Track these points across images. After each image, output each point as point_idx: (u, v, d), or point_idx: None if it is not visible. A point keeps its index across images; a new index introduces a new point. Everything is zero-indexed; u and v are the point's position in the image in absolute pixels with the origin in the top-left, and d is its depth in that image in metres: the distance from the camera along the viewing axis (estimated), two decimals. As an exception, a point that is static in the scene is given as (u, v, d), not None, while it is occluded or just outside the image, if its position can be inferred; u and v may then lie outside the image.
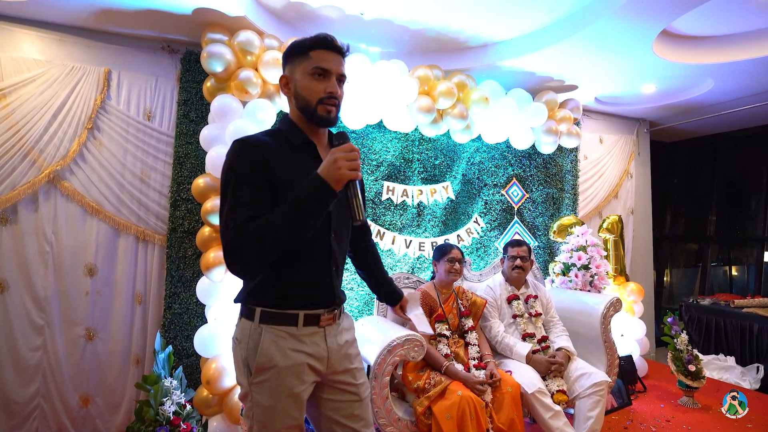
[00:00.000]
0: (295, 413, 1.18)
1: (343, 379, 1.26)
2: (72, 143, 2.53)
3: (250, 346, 1.15)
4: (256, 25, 2.54)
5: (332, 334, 1.24)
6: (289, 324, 1.16)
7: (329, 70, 1.17)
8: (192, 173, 2.67)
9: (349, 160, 1.05)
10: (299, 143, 1.20)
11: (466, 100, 3.03)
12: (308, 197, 1.05)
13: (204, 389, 2.35)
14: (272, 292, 1.17)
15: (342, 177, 1.04)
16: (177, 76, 2.76)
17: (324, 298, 1.22)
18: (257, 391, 1.15)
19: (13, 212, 2.45)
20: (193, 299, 2.60)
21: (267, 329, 1.15)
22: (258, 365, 1.14)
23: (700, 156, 5.38)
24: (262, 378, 1.14)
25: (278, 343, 1.15)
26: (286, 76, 1.22)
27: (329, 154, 1.06)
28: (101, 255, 2.61)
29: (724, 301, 4.12)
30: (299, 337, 1.17)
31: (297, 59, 1.19)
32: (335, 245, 1.23)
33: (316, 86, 1.16)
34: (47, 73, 2.48)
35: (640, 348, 3.59)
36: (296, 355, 1.16)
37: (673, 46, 2.94)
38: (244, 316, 1.21)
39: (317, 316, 1.20)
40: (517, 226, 3.52)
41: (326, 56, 1.17)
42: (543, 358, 2.39)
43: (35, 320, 2.47)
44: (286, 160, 1.14)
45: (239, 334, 1.20)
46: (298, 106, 1.20)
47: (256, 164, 1.11)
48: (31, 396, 2.46)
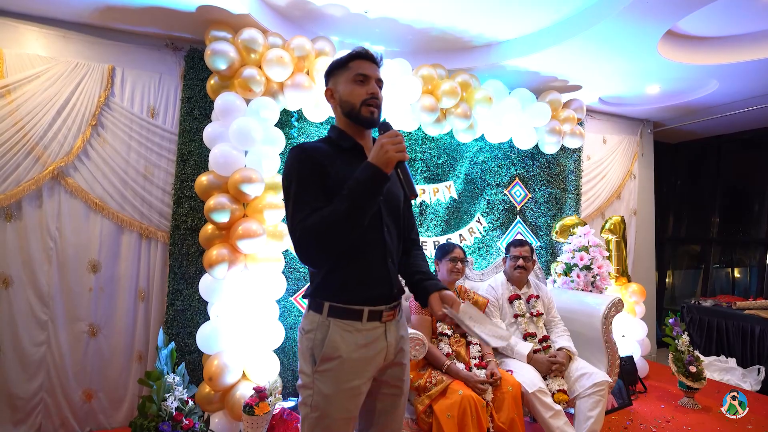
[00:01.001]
0: (351, 406, 1.25)
1: (392, 373, 1.35)
2: (76, 140, 2.54)
3: (318, 337, 1.24)
4: (260, 23, 2.54)
5: (392, 329, 1.32)
6: (355, 319, 1.25)
7: (368, 75, 1.30)
8: (195, 170, 2.68)
9: (394, 143, 1.15)
10: (348, 146, 1.32)
11: (469, 99, 3.03)
12: (363, 182, 1.14)
13: (206, 386, 2.37)
14: (337, 288, 1.26)
15: (391, 159, 1.14)
16: (181, 73, 2.77)
17: (384, 292, 1.30)
18: (320, 380, 1.23)
19: (18, 208, 2.46)
20: (196, 296, 2.62)
21: (334, 322, 1.24)
22: (324, 355, 1.23)
23: (703, 157, 5.36)
24: (327, 367, 1.22)
25: (344, 336, 1.24)
26: (330, 88, 1.35)
27: (376, 141, 1.18)
28: (105, 251, 2.63)
29: (726, 302, 4.11)
30: (363, 332, 1.26)
31: (339, 71, 1.33)
32: (388, 238, 1.31)
33: (358, 90, 1.29)
34: (51, 70, 2.49)
35: (641, 349, 3.59)
36: (360, 350, 1.25)
37: (678, 47, 2.93)
38: (312, 309, 1.29)
39: (380, 312, 1.28)
40: (519, 226, 3.52)
41: (364, 64, 1.31)
42: (544, 357, 2.40)
43: (39, 316, 2.49)
44: (337, 161, 1.26)
45: (307, 326, 1.29)
46: (344, 111, 1.32)
47: (314, 166, 1.23)
48: (35, 391, 2.48)
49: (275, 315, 2.52)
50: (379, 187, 1.15)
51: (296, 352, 2.83)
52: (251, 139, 2.40)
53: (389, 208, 1.34)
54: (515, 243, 2.71)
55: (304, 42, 2.56)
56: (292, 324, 2.83)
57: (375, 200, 1.17)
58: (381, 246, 1.30)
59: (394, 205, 1.36)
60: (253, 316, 2.41)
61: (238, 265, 2.38)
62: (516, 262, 2.63)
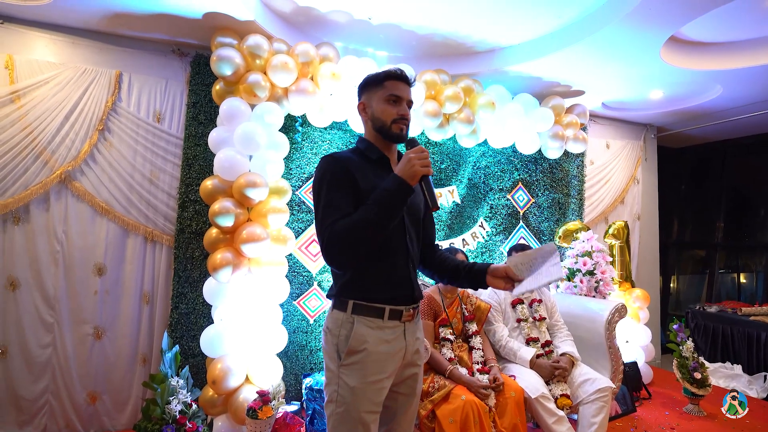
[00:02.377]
0: (377, 399, 1.30)
1: (407, 373, 1.40)
2: (83, 144, 2.57)
3: (342, 334, 1.31)
4: (266, 29, 2.57)
5: (410, 330, 1.39)
6: (377, 316, 1.32)
7: (401, 96, 1.38)
8: (200, 175, 2.71)
9: (420, 159, 1.24)
10: (376, 158, 1.40)
11: (472, 104, 3.04)
12: (391, 193, 1.23)
13: (210, 389, 2.38)
14: (361, 287, 1.32)
15: (416, 173, 1.23)
16: (186, 78, 2.80)
17: (405, 294, 1.37)
18: (346, 373, 1.29)
19: (26, 212, 2.49)
20: (200, 299, 2.63)
21: (359, 319, 1.31)
22: (350, 348, 1.29)
23: (707, 162, 5.34)
24: (353, 360, 1.29)
25: (369, 331, 1.30)
26: (363, 102, 1.43)
27: (404, 156, 1.26)
28: (110, 255, 2.65)
29: (731, 308, 4.08)
30: (384, 329, 1.32)
31: (373, 88, 1.40)
32: (410, 244, 1.39)
33: (390, 110, 1.37)
34: (60, 75, 2.53)
35: (646, 354, 3.57)
36: (382, 345, 1.31)
37: (682, 53, 2.93)
38: (336, 308, 1.36)
39: (400, 312, 1.35)
40: (522, 231, 3.52)
41: (398, 86, 1.38)
42: (547, 362, 2.39)
43: (45, 318, 2.51)
44: (365, 171, 1.35)
45: (331, 325, 1.35)
46: (375, 127, 1.40)
47: (344, 174, 1.31)
48: (40, 392, 2.50)
49: (279, 319, 2.53)
50: (404, 197, 1.24)
51: (299, 356, 2.85)
52: (256, 144, 2.42)
53: (412, 218, 1.42)
54: (518, 248, 2.71)
55: (308, 48, 2.59)
56: (295, 328, 2.84)
57: (400, 209, 1.25)
58: (404, 251, 1.38)
59: (416, 215, 1.45)
60: (257, 319, 2.42)
61: (242, 269, 2.40)
62: None
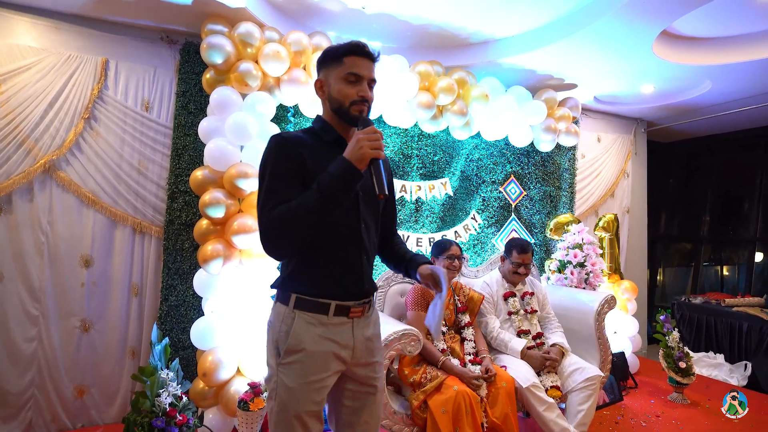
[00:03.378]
0: (317, 398, 1.22)
1: (364, 373, 1.32)
2: (68, 133, 2.50)
3: (282, 329, 1.22)
4: (257, 17, 2.52)
5: (360, 326, 1.29)
6: (321, 312, 1.23)
7: (361, 75, 1.24)
8: (190, 165, 2.66)
9: (371, 140, 1.13)
10: (330, 139, 1.29)
11: (466, 96, 3.03)
12: (335, 177, 1.11)
13: (200, 381, 2.36)
14: (306, 280, 1.23)
15: (364, 155, 1.12)
16: (176, 67, 2.74)
17: (355, 289, 1.27)
18: (284, 372, 1.21)
19: (8, 202, 2.42)
20: (190, 291, 2.60)
21: (300, 314, 1.22)
22: (288, 347, 1.20)
23: (695, 157, 5.42)
24: (291, 360, 1.20)
25: (309, 329, 1.21)
26: (320, 80, 1.30)
27: (353, 136, 1.15)
28: (97, 246, 2.60)
29: (715, 300, 4.17)
30: (328, 326, 1.23)
31: (331, 65, 1.27)
32: (365, 235, 1.29)
33: (348, 90, 1.24)
34: (43, 62, 2.45)
35: (633, 345, 3.64)
36: (325, 343, 1.22)
37: (673, 47, 2.95)
38: (279, 300, 1.28)
39: (347, 308, 1.25)
40: (514, 223, 3.54)
41: (358, 62, 1.25)
42: (538, 353, 2.42)
43: (30, 311, 2.46)
44: (318, 154, 1.23)
45: (273, 318, 1.27)
46: (332, 107, 1.28)
47: (291, 157, 1.20)
48: (26, 386, 2.45)
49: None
50: (350, 183, 1.13)
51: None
52: (247, 134, 2.38)
53: (369, 205, 1.31)
54: (519, 248, 2.61)
55: (301, 37, 2.54)
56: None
57: (346, 196, 1.14)
58: (357, 242, 1.27)
59: (374, 201, 1.33)
60: (248, 311, 2.40)
61: (233, 261, 2.37)
62: (517, 268, 2.58)
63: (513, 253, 2.62)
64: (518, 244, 2.64)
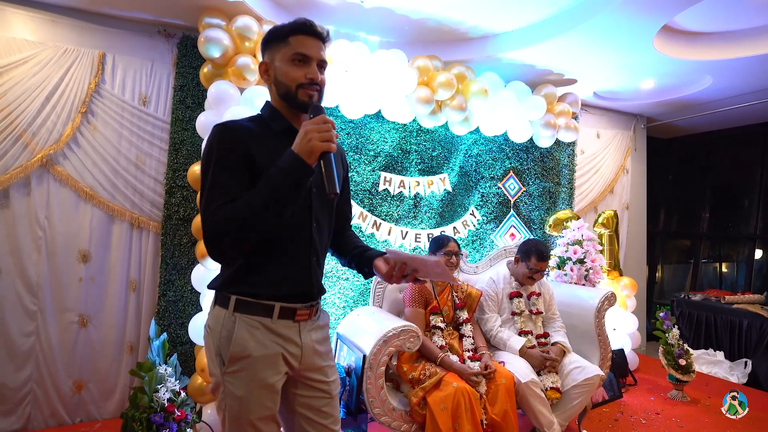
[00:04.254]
0: (270, 403, 1.15)
1: (314, 376, 1.24)
2: (65, 127, 2.48)
3: (223, 335, 1.12)
4: (255, 10, 2.50)
5: (306, 329, 1.21)
6: (264, 315, 1.14)
7: (309, 55, 1.14)
8: (188, 160, 2.64)
9: (321, 131, 1.01)
10: (280, 129, 1.18)
11: (465, 91, 3.01)
12: (282, 173, 1.01)
13: (198, 377, 2.35)
14: (249, 281, 1.14)
15: (314, 149, 1.01)
16: (173, 61, 2.72)
17: (302, 291, 1.19)
18: (230, 381, 1.12)
19: (5, 196, 2.41)
20: (188, 287, 2.59)
21: (241, 318, 1.12)
22: (232, 354, 1.11)
23: (695, 153, 5.41)
24: (236, 368, 1.11)
25: (252, 333, 1.12)
26: (265, 62, 1.19)
27: (301, 127, 1.04)
28: (95, 241, 2.59)
29: (715, 297, 4.17)
30: (273, 329, 1.14)
31: (276, 45, 1.16)
32: (316, 235, 1.20)
33: (295, 72, 1.14)
34: (40, 55, 2.43)
35: (632, 342, 3.64)
36: (271, 345, 1.14)
37: (674, 42, 2.93)
38: (218, 303, 1.18)
39: (293, 311, 1.17)
40: (513, 220, 3.53)
41: (306, 41, 1.14)
42: (537, 352, 2.39)
43: (28, 306, 2.45)
44: (267, 145, 1.12)
45: (212, 322, 1.17)
46: (279, 92, 1.18)
47: (236, 149, 1.09)
48: (24, 381, 2.44)
49: (268, 306, 2.51)
50: (299, 179, 1.02)
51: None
52: (245, 129, 2.36)
53: (323, 202, 1.21)
54: (539, 255, 2.47)
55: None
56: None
57: (296, 193, 1.04)
58: (306, 242, 1.18)
59: (328, 199, 1.22)
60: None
61: (231, 256, 2.36)
62: (533, 274, 2.50)
63: (532, 259, 2.48)
64: (538, 251, 2.48)
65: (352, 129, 2.98)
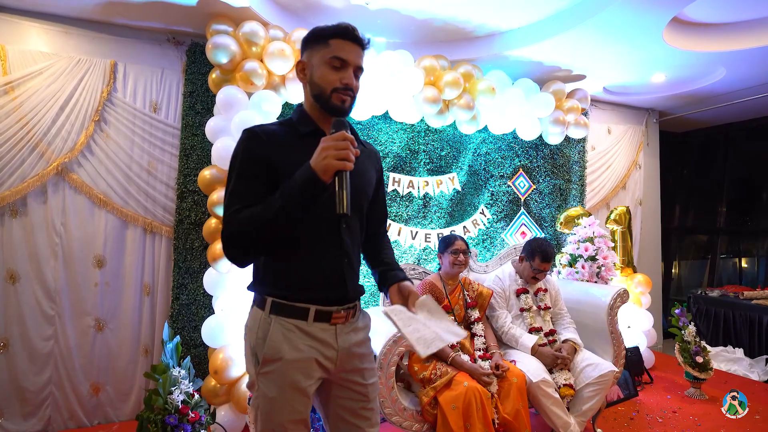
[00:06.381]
0: (300, 407, 1.15)
1: (351, 378, 1.23)
2: (79, 136, 2.54)
3: (259, 336, 1.14)
4: (261, 15, 2.53)
5: (344, 332, 1.20)
6: (299, 318, 1.14)
7: (347, 60, 1.14)
8: (198, 165, 2.68)
9: (337, 149, 1.00)
10: (307, 131, 1.18)
11: (472, 90, 3.00)
12: (297, 187, 1.03)
13: (212, 379, 2.38)
14: (282, 283, 1.15)
15: (328, 166, 1.00)
16: (182, 67, 2.76)
17: (336, 293, 1.18)
18: (263, 382, 1.13)
19: (23, 204, 2.47)
20: (201, 290, 2.63)
21: (277, 320, 1.13)
22: (265, 356, 1.12)
23: (710, 146, 5.29)
24: (269, 369, 1.13)
25: (287, 336, 1.13)
26: (303, 61, 1.20)
27: (321, 142, 1.03)
28: (109, 246, 2.64)
29: (733, 292, 4.08)
30: (309, 332, 1.14)
31: (316, 46, 1.16)
32: (346, 236, 1.19)
33: (332, 75, 1.14)
34: (54, 66, 2.49)
35: (648, 339, 3.58)
36: (305, 349, 1.13)
37: (684, 34, 2.88)
38: (256, 304, 1.20)
39: (329, 314, 1.16)
40: (523, 218, 3.50)
41: (346, 46, 1.15)
42: (549, 350, 2.37)
43: (46, 310, 2.51)
44: (292, 149, 1.13)
45: (250, 323, 1.19)
46: (313, 93, 1.18)
47: (259, 154, 1.11)
48: (44, 384, 2.51)
49: (280, 308, 2.53)
50: (312, 195, 1.02)
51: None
52: (253, 133, 2.39)
53: (354, 205, 1.18)
54: (543, 256, 2.48)
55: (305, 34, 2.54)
56: (297, 317, 2.84)
57: (306, 207, 1.04)
58: (337, 245, 1.17)
59: (358, 200, 1.22)
60: (258, 309, 2.41)
61: (242, 259, 2.38)
62: (536, 273, 2.51)
63: (536, 260, 2.48)
64: (543, 251, 2.48)
65: (360, 130, 2.99)
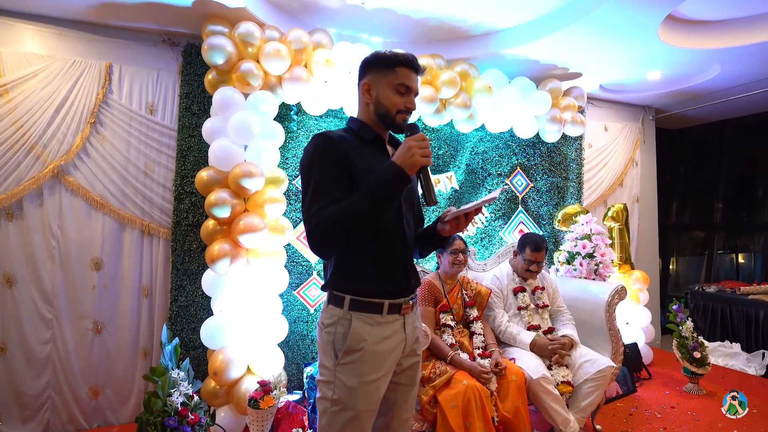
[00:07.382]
0: (373, 398, 1.26)
1: (408, 363, 1.37)
2: (75, 138, 2.53)
3: (339, 331, 1.25)
4: (257, 16, 2.52)
5: (410, 321, 1.35)
6: (375, 312, 1.26)
7: (411, 87, 1.31)
8: (195, 166, 2.68)
9: (422, 148, 1.17)
10: (371, 138, 1.33)
11: (469, 89, 3.00)
12: (385, 182, 1.16)
13: (211, 380, 2.38)
14: (357, 280, 1.27)
15: (415, 163, 1.16)
16: (178, 69, 2.75)
17: (403, 284, 1.32)
18: (342, 372, 1.24)
19: (19, 207, 2.46)
20: (199, 292, 2.62)
21: (357, 316, 1.25)
22: (348, 347, 1.24)
23: (706, 143, 5.31)
24: (350, 359, 1.24)
25: (367, 329, 1.25)
26: (368, 83, 1.33)
27: (403, 143, 1.19)
28: (107, 249, 2.63)
29: (730, 288, 4.10)
30: (384, 325, 1.27)
31: (382, 71, 1.31)
32: (407, 229, 1.34)
33: (397, 99, 1.30)
34: (49, 68, 2.48)
35: (646, 336, 3.59)
36: (382, 343, 1.26)
37: (679, 32, 2.89)
38: (331, 302, 1.30)
39: (399, 305, 1.30)
40: (521, 216, 3.51)
41: (410, 75, 1.30)
42: (545, 340, 2.39)
43: (44, 314, 2.50)
44: (361, 152, 1.28)
45: (327, 320, 1.29)
46: (377, 112, 1.32)
47: (337, 154, 1.23)
48: (42, 388, 2.50)
49: (278, 309, 2.53)
50: (400, 188, 1.17)
51: (300, 346, 2.85)
52: (250, 134, 2.39)
53: (408, 202, 1.37)
54: (533, 245, 2.52)
55: (301, 35, 2.54)
56: (296, 318, 2.84)
57: (395, 200, 1.19)
58: (401, 237, 1.32)
59: (412, 199, 1.41)
60: (257, 310, 2.42)
61: (240, 260, 2.39)
62: (529, 265, 2.53)
63: (526, 250, 2.54)
64: (532, 241, 2.54)
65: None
